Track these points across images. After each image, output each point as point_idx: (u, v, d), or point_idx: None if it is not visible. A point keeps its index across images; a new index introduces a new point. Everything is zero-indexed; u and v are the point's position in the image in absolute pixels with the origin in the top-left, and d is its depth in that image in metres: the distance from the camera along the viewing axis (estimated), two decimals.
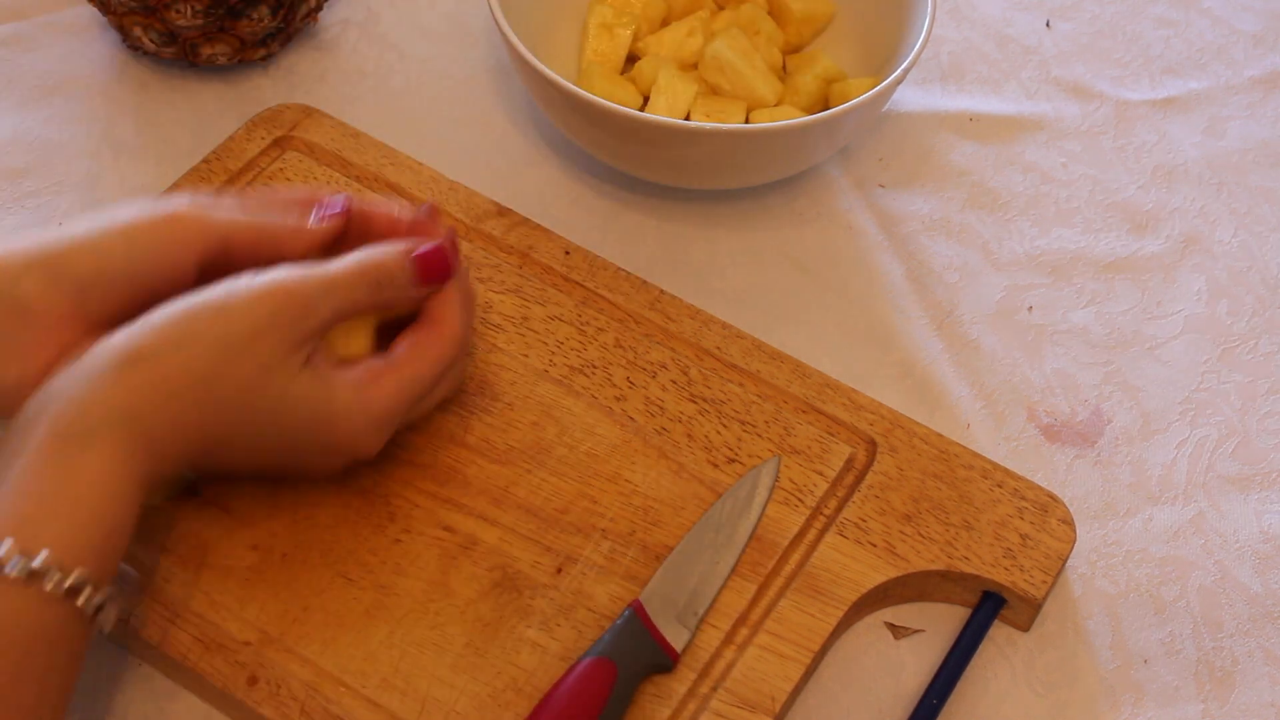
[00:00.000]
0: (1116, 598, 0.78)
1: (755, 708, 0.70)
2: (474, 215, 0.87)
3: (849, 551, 0.75)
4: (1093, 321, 0.89)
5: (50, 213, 0.91)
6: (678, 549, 0.74)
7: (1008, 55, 1.04)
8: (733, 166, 0.87)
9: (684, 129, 0.84)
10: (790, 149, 0.87)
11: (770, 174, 0.90)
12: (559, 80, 0.84)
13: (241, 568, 0.73)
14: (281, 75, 0.99)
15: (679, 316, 0.84)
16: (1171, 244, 0.93)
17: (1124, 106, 1.01)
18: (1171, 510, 0.81)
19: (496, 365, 0.81)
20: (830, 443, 0.79)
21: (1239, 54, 1.04)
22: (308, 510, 0.75)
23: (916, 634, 0.76)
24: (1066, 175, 0.97)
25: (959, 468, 0.78)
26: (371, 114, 0.95)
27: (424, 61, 1.01)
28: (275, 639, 0.71)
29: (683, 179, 0.90)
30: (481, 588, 0.73)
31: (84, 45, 1.00)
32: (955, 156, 0.97)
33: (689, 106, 0.91)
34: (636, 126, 0.84)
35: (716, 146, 0.85)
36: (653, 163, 0.89)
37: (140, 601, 0.71)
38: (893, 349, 0.87)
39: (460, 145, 0.95)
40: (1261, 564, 0.79)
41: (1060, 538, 0.76)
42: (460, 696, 0.70)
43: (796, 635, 0.72)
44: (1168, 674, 0.76)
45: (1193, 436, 0.84)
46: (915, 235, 0.93)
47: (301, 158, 0.89)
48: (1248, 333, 0.89)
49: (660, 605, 0.72)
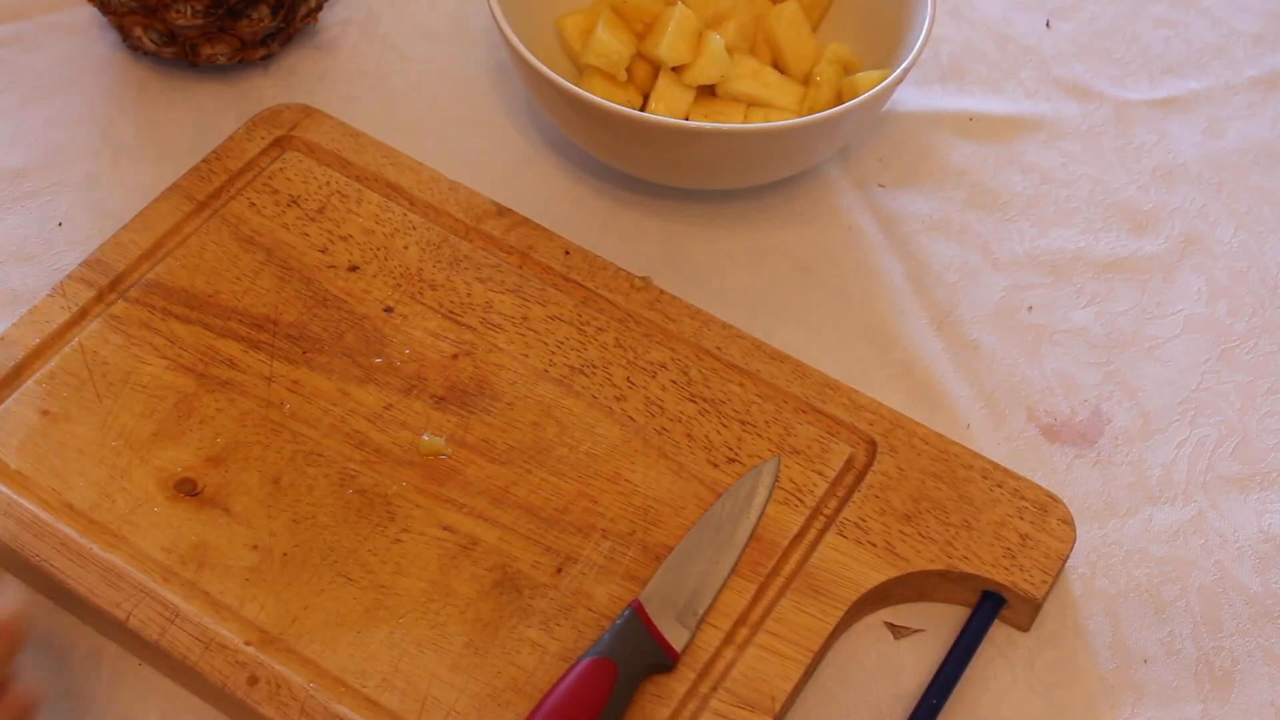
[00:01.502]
0: (1116, 597, 0.78)
1: (755, 707, 0.70)
2: (474, 215, 0.87)
3: (849, 551, 0.75)
4: (1092, 321, 0.89)
5: (50, 212, 0.91)
6: (677, 548, 0.74)
7: (1007, 55, 1.04)
8: (732, 166, 0.87)
9: (684, 129, 0.84)
10: (789, 149, 0.87)
11: (770, 174, 0.90)
12: (559, 80, 0.84)
13: (241, 567, 0.73)
14: (281, 75, 0.99)
15: (679, 316, 0.84)
16: (1171, 244, 0.93)
17: (1124, 106, 1.01)
18: (1171, 510, 0.81)
19: (496, 365, 0.81)
20: (830, 443, 0.79)
21: (1239, 54, 1.04)
22: (308, 510, 0.75)
23: (916, 634, 0.76)
24: (1066, 175, 0.97)
25: (959, 467, 0.78)
26: (372, 114, 0.95)
27: (424, 62, 1.01)
28: (275, 639, 0.71)
29: (683, 179, 0.90)
30: (481, 587, 0.73)
31: (84, 45, 1.00)
32: (955, 156, 0.97)
33: (686, 111, 0.91)
34: (636, 126, 0.84)
35: (716, 146, 0.85)
36: (652, 163, 0.89)
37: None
38: (892, 349, 0.87)
39: (460, 145, 0.95)
40: (1261, 564, 0.79)
41: (1060, 537, 0.76)
42: (460, 696, 0.70)
43: (796, 635, 0.72)
44: (1167, 674, 0.76)
45: (1192, 436, 0.84)
46: (915, 235, 0.93)
47: (301, 158, 0.89)
48: (1247, 333, 0.89)
49: (660, 605, 0.72)
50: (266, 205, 0.87)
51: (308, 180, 0.88)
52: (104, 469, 0.76)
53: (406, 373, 0.80)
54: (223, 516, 0.75)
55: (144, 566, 0.73)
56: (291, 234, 0.86)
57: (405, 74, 1.00)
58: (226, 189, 0.88)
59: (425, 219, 0.87)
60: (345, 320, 0.82)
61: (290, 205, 0.87)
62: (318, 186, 0.88)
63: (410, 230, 0.86)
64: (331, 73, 0.99)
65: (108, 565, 0.73)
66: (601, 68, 0.91)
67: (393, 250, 0.85)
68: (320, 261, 0.85)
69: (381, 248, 0.86)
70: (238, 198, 0.87)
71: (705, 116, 0.91)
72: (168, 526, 0.74)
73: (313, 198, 0.88)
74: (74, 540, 0.73)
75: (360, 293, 0.84)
